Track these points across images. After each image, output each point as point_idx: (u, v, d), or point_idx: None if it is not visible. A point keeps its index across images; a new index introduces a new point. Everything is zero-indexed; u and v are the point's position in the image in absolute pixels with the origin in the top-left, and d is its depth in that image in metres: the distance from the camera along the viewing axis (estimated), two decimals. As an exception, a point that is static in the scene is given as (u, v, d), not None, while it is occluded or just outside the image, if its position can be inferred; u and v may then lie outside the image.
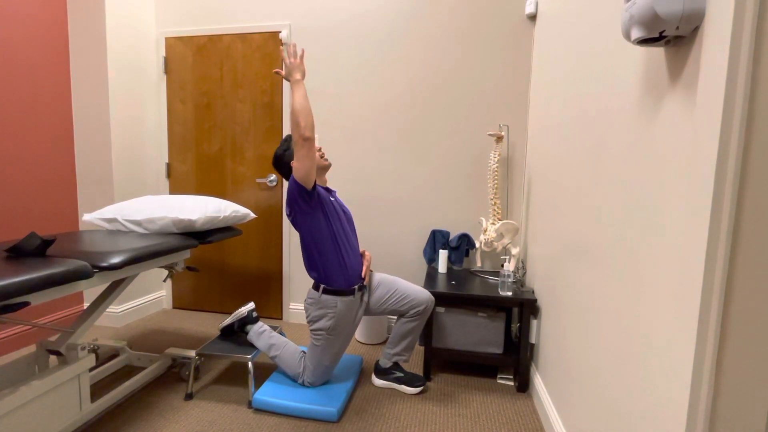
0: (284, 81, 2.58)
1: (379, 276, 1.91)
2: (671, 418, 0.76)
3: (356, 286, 1.74)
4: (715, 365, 0.69)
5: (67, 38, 2.45)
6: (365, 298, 1.82)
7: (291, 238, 2.68)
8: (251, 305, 1.95)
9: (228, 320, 1.93)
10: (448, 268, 2.37)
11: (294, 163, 1.56)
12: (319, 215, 1.66)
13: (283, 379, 1.83)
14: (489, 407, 1.77)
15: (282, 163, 1.78)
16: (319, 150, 1.78)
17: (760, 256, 0.66)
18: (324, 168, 1.81)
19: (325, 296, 1.70)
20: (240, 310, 1.93)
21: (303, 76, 1.60)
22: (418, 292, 1.85)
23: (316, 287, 1.73)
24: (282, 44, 2.57)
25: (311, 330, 1.75)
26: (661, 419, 0.80)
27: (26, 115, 2.22)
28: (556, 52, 1.80)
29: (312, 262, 1.72)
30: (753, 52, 0.63)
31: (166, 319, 2.73)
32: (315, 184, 1.62)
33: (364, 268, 1.80)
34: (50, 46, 2.34)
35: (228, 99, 2.70)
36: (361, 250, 1.87)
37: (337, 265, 1.70)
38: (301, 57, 1.62)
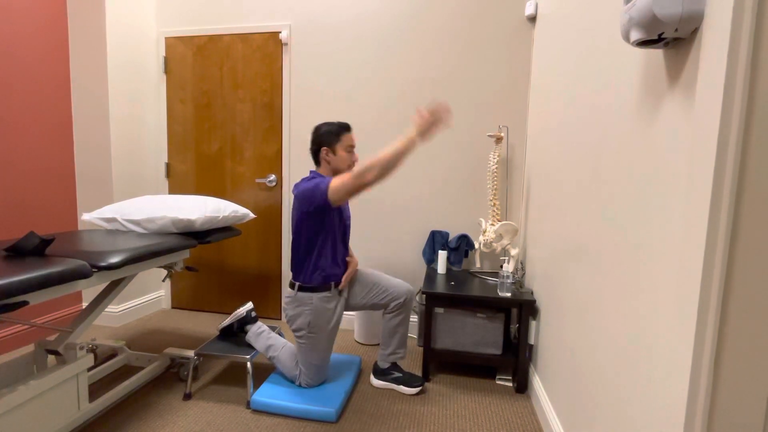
0: (284, 82, 2.58)
1: (359, 270, 1.91)
2: (669, 418, 0.76)
3: (333, 283, 1.75)
4: (714, 366, 0.69)
5: (66, 37, 2.45)
6: (344, 294, 1.82)
7: (290, 239, 2.68)
8: (249, 305, 1.95)
9: (227, 321, 1.93)
10: (448, 269, 2.37)
11: (336, 183, 1.55)
12: (320, 220, 1.67)
13: (282, 380, 1.83)
14: (487, 408, 1.77)
15: (317, 139, 1.74)
16: (353, 149, 1.77)
17: (759, 256, 0.66)
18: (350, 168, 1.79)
19: (300, 293, 1.71)
20: (238, 310, 1.93)
21: (422, 138, 1.50)
22: (397, 284, 1.87)
23: (291, 286, 1.75)
24: (285, 44, 2.57)
25: (292, 330, 1.76)
26: (659, 420, 0.80)
27: (25, 114, 2.22)
28: (555, 54, 1.81)
29: (298, 259, 1.73)
30: (751, 54, 0.63)
31: (164, 318, 2.72)
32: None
33: (346, 274, 1.80)
34: (50, 45, 2.34)
35: (228, 99, 2.70)
36: (350, 255, 1.88)
37: (321, 265, 1.71)
38: (435, 123, 1.49)
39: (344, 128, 1.74)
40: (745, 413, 0.69)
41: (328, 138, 1.72)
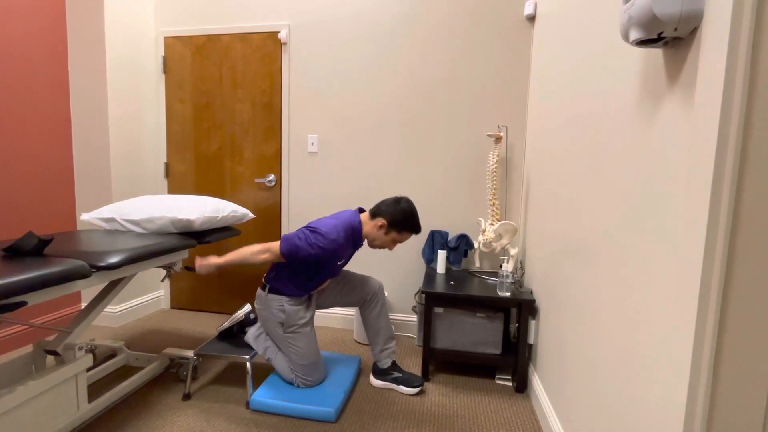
0: (283, 82, 2.58)
1: None
2: (669, 418, 0.76)
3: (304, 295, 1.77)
4: (713, 366, 0.69)
5: (65, 36, 2.44)
6: (314, 295, 1.85)
7: (289, 239, 2.68)
8: (247, 307, 1.95)
9: (226, 324, 1.93)
10: (447, 269, 2.37)
11: (283, 247, 1.61)
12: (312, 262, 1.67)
13: (281, 380, 1.82)
14: (487, 408, 1.77)
15: (392, 209, 1.70)
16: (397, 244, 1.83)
17: (758, 257, 0.66)
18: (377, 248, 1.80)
19: (271, 295, 1.73)
20: (237, 313, 1.93)
21: (217, 263, 1.68)
22: (365, 281, 1.90)
23: (263, 287, 1.76)
24: (284, 44, 2.56)
25: (268, 334, 1.78)
26: (658, 419, 0.80)
27: (24, 114, 2.21)
28: (554, 53, 1.81)
29: (280, 273, 1.73)
30: (751, 54, 0.63)
31: (164, 319, 2.72)
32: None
33: (320, 288, 1.81)
34: (48, 45, 2.34)
35: (227, 99, 2.70)
36: None
37: (298, 282, 1.72)
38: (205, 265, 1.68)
39: (414, 229, 1.74)
40: (744, 413, 0.69)
41: (396, 221, 1.69)
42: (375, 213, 1.73)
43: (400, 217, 1.69)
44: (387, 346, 1.90)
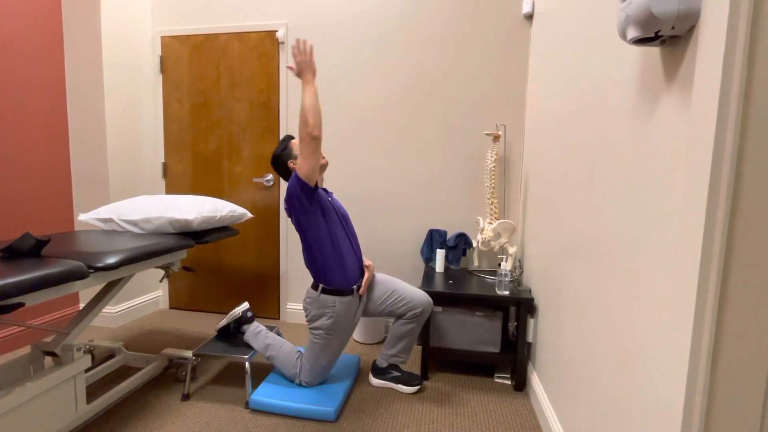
0: (281, 81, 2.57)
1: (378, 276, 1.90)
2: (667, 416, 0.76)
3: (355, 287, 1.74)
4: (711, 364, 0.69)
5: (61, 36, 2.43)
6: (363, 300, 1.82)
7: (288, 238, 2.68)
8: (245, 305, 1.95)
9: (223, 321, 1.92)
10: (446, 268, 2.37)
11: (299, 161, 1.57)
12: (317, 215, 1.66)
13: (281, 380, 1.82)
14: (486, 406, 1.77)
15: (280, 163, 1.79)
16: None
17: (756, 255, 0.66)
18: (322, 167, 1.80)
19: (323, 296, 1.70)
20: (234, 310, 1.92)
21: (314, 74, 1.61)
22: (416, 294, 1.84)
23: (314, 287, 1.73)
24: (282, 43, 2.56)
25: (310, 329, 1.75)
26: (657, 417, 0.80)
27: (21, 114, 2.20)
28: (552, 52, 1.81)
29: (312, 261, 1.72)
30: (748, 52, 0.63)
31: (162, 319, 2.72)
32: (316, 184, 1.63)
33: (366, 279, 1.78)
34: (45, 44, 2.33)
35: (224, 98, 2.69)
36: (365, 261, 1.85)
37: (336, 265, 1.70)
38: (311, 53, 1.60)
39: (288, 139, 1.82)
40: (742, 410, 0.69)
41: (285, 155, 1.78)
42: (285, 171, 1.81)
43: (281, 152, 1.79)
44: (400, 355, 1.88)
